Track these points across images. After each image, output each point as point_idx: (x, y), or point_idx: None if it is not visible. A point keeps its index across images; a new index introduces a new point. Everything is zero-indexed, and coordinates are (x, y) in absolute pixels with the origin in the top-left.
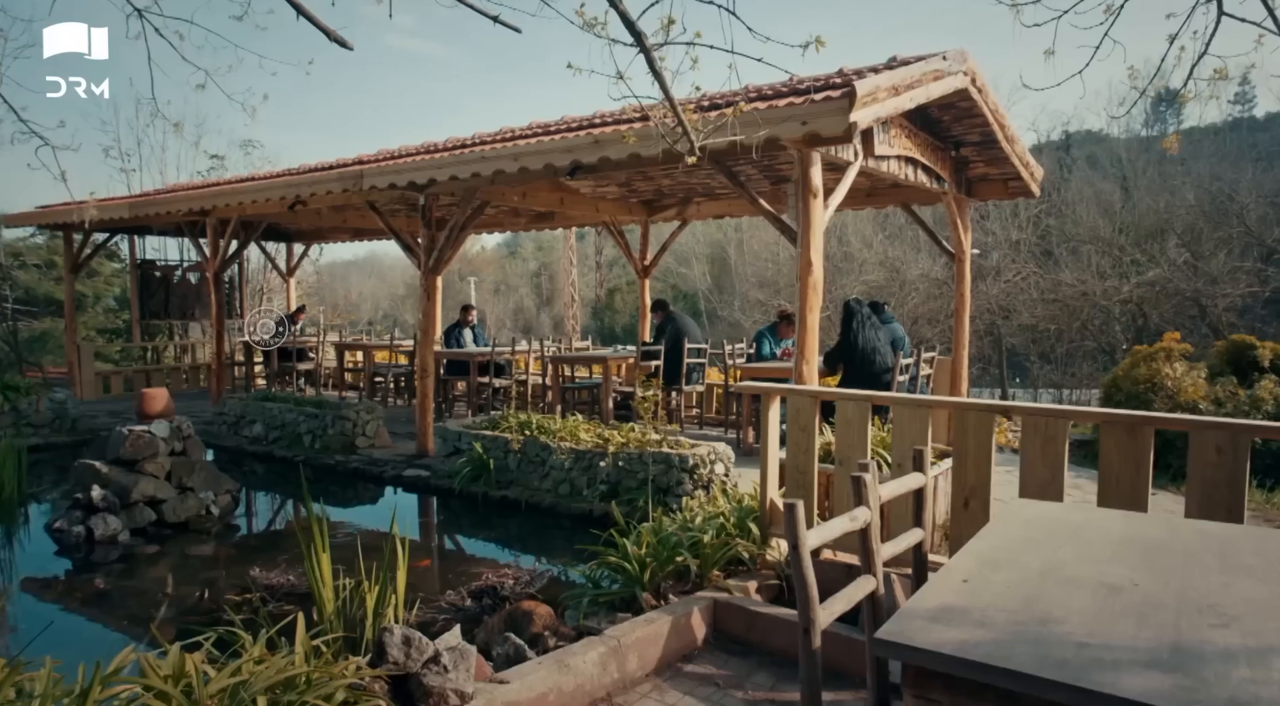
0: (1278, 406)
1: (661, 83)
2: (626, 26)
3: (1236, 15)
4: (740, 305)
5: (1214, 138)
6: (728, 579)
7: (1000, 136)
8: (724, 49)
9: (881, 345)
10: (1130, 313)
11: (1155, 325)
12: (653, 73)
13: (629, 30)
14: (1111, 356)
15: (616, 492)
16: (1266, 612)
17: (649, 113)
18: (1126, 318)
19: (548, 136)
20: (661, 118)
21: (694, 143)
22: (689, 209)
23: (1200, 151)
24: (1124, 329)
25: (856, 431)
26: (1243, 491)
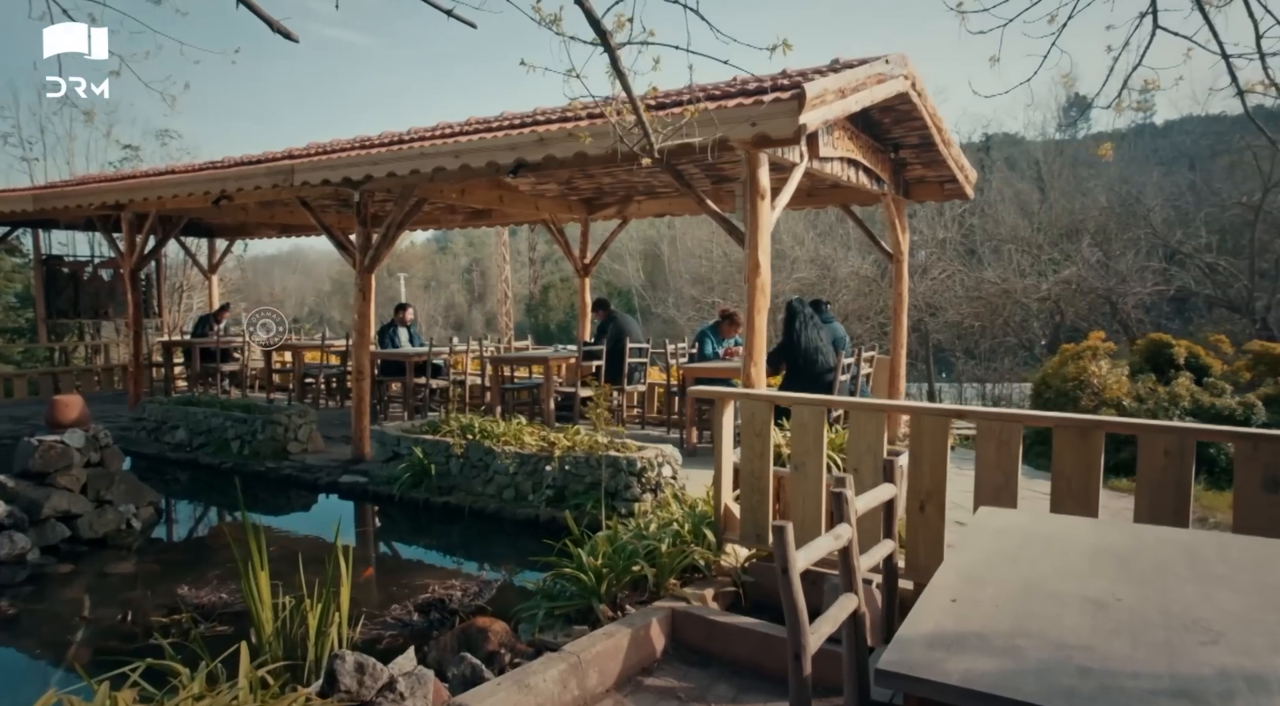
0: (1194, 402)
1: (625, 83)
2: (592, 25)
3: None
4: (675, 302)
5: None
6: (684, 587)
7: (938, 139)
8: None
9: (824, 345)
10: (1048, 309)
11: (1071, 322)
12: (616, 73)
13: (594, 29)
14: (1031, 351)
15: (563, 497)
16: (1248, 626)
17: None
18: (1045, 314)
19: (489, 133)
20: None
21: (654, 144)
22: (630, 207)
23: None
24: (1042, 325)
25: (812, 436)
26: (1189, 492)
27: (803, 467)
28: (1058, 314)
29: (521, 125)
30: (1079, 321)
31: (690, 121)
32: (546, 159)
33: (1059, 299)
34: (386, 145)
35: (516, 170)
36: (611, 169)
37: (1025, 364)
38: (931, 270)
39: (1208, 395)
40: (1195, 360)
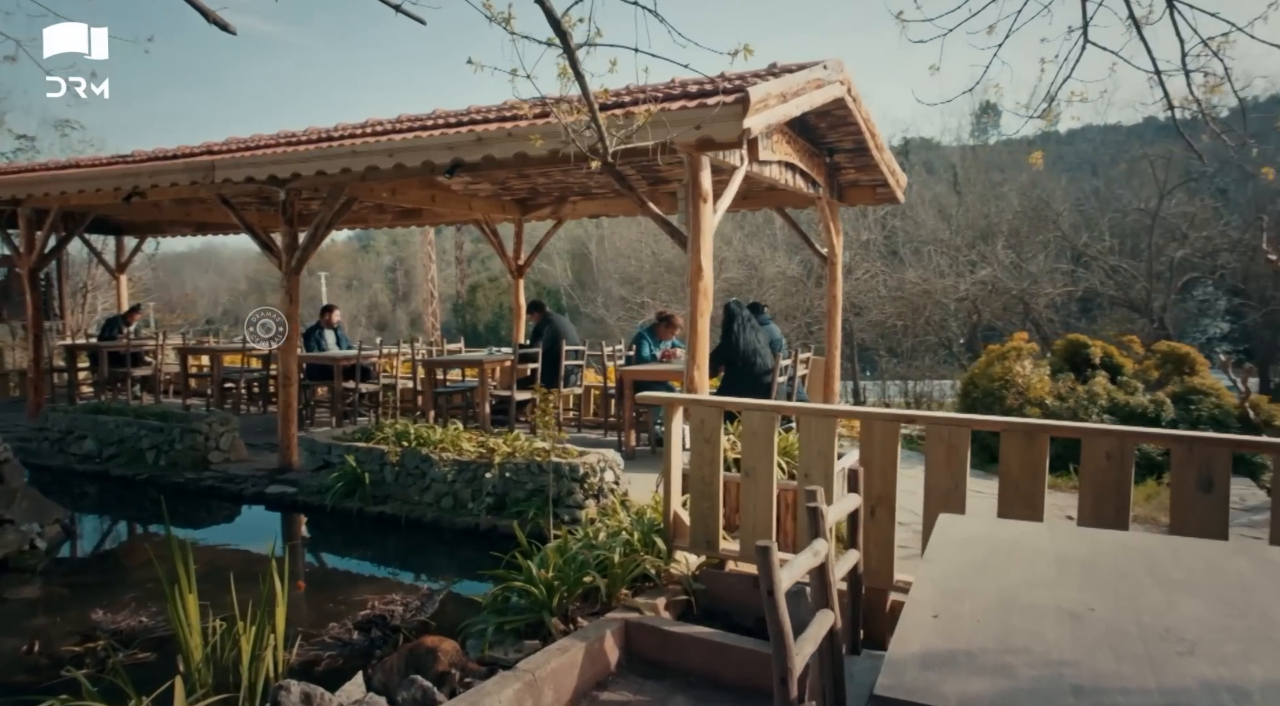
0: (1110, 400)
1: (583, 86)
2: (552, 25)
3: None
4: (604, 302)
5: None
6: (636, 597)
7: (871, 145)
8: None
9: (761, 347)
10: (966, 309)
11: (987, 321)
12: (575, 75)
13: (554, 29)
14: (949, 349)
15: (504, 505)
16: (1217, 633)
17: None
18: (963, 314)
19: (424, 132)
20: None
21: (608, 147)
22: (565, 208)
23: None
24: (960, 324)
25: (762, 442)
26: (1129, 492)
27: (753, 473)
28: (975, 313)
29: (458, 124)
30: (995, 320)
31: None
32: (485, 159)
33: (976, 299)
34: (314, 142)
35: (453, 170)
36: (547, 169)
37: (945, 362)
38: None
39: (1122, 393)
40: (1109, 359)
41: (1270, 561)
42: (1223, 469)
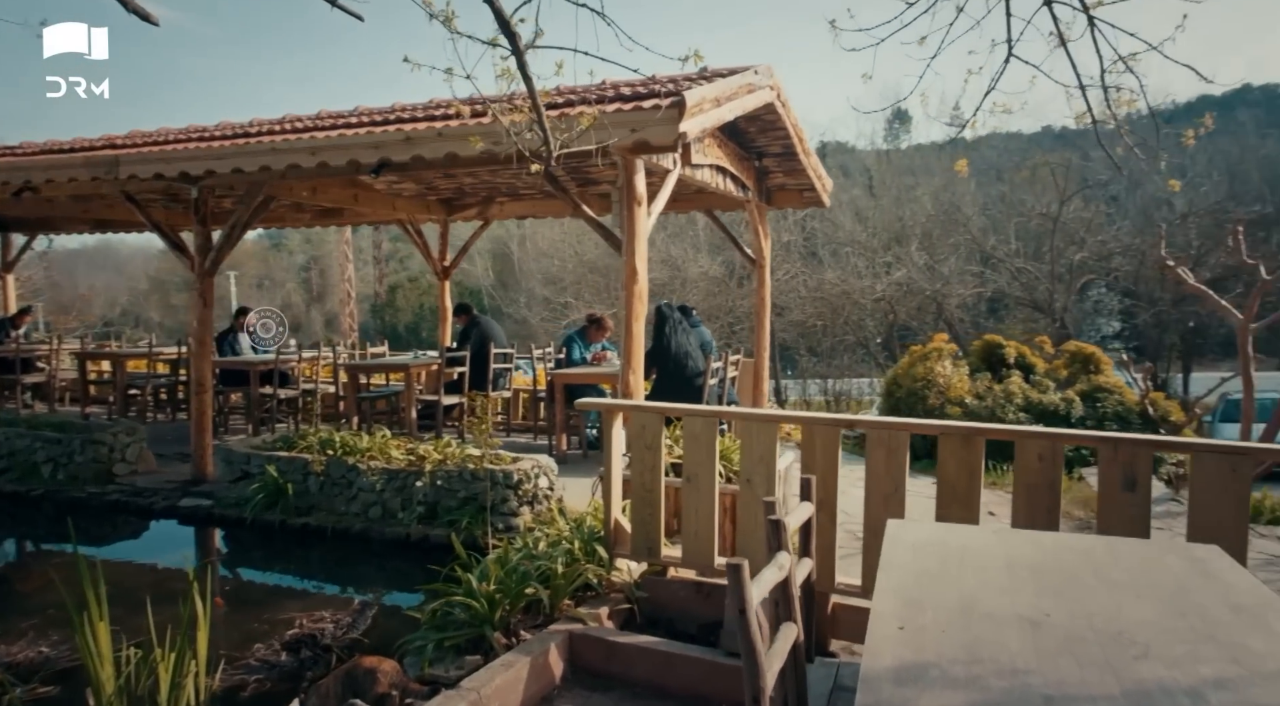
0: (1025, 399)
1: (530, 88)
2: (500, 26)
3: (1022, 58)
4: (526, 302)
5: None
6: (578, 607)
7: (799, 149)
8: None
9: (693, 349)
10: (882, 309)
11: (902, 321)
12: (524, 77)
13: (503, 30)
14: (867, 348)
15: (436, 514)
16: (1164, 635)
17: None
18: (879, 314)
19: (349, 130)
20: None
21: (552, 151)
22: (492, 209)
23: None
24: (876, 324)
25: (704, 447)
26: (1059, 493)
27: (695, 479)
28: (891, 313)
29: (384, 122)
30: (910, 320)
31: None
32: (414, 160)
33: (892, 299)
34: (229, 138)
35: (380, 170)
36: (475, 170)
37: (862, 360)
38: (776, 272)
39: (1036, 392)
40: (1023, 359)
41: (1197, 559)
42: (1145, 468)
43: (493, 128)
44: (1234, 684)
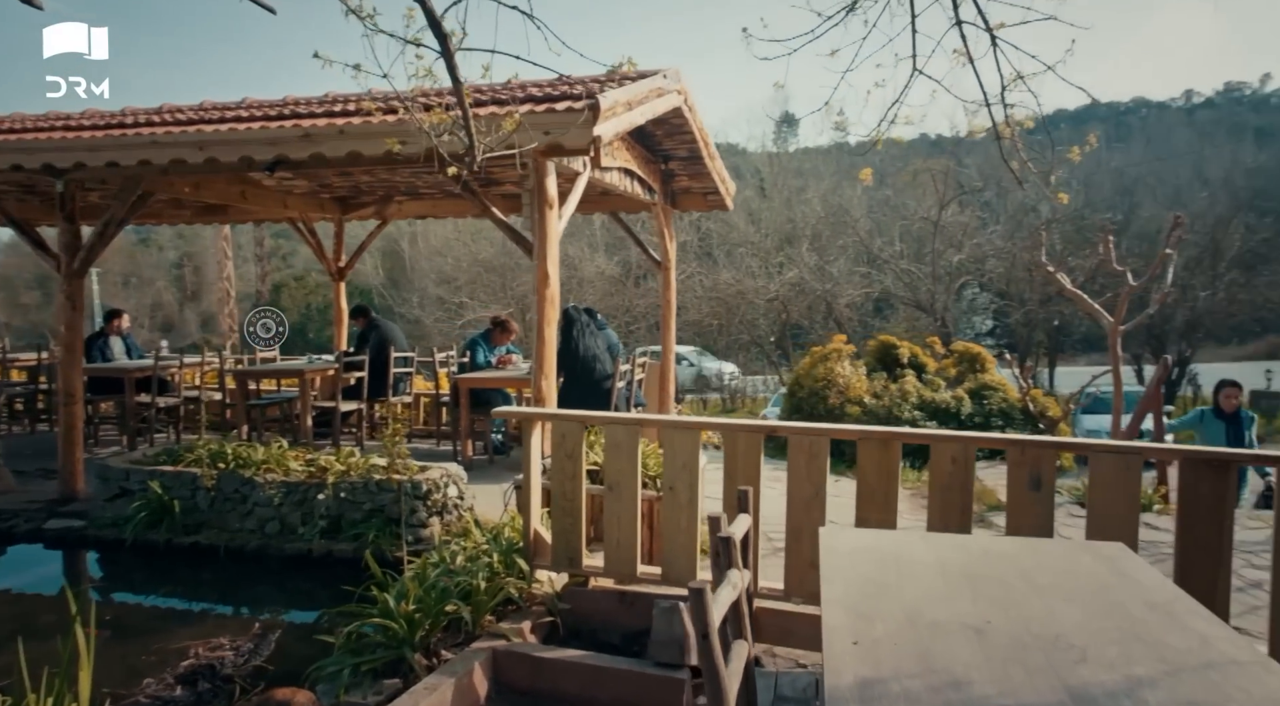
0: (919, 397)
1: (459, 92)
2: (431, 26)
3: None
4: (420, 302)
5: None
6: (500, 622)
7: (705, 153)
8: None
9: (601, 352)
10: (776, 309)
11: (795, 320)
12: (453, 80)
13: (434, 31)
14: (761, 347)
15: (339, 527)
16: (1096, 637)
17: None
18: (773, 313)
19: (240, 123)
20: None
21: (478, 155)
22: (390, 208)
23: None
24: (769, 323)
25: (626, 455)
26: (971, 494)
27: (618, 488)
28: (784, 313)
29: (279, 117)
30: (801, 319)
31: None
32: (313, 157)
33: (785, 299)
34: (100, 128)
35: (274, 167)
36: (373, 168)
37: (756, 358)
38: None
39: (928, 390)
40: (915, 359)
41: (1109, 558)
42: (1050, 468)
43: (401, 127)
44: (1166, 683)
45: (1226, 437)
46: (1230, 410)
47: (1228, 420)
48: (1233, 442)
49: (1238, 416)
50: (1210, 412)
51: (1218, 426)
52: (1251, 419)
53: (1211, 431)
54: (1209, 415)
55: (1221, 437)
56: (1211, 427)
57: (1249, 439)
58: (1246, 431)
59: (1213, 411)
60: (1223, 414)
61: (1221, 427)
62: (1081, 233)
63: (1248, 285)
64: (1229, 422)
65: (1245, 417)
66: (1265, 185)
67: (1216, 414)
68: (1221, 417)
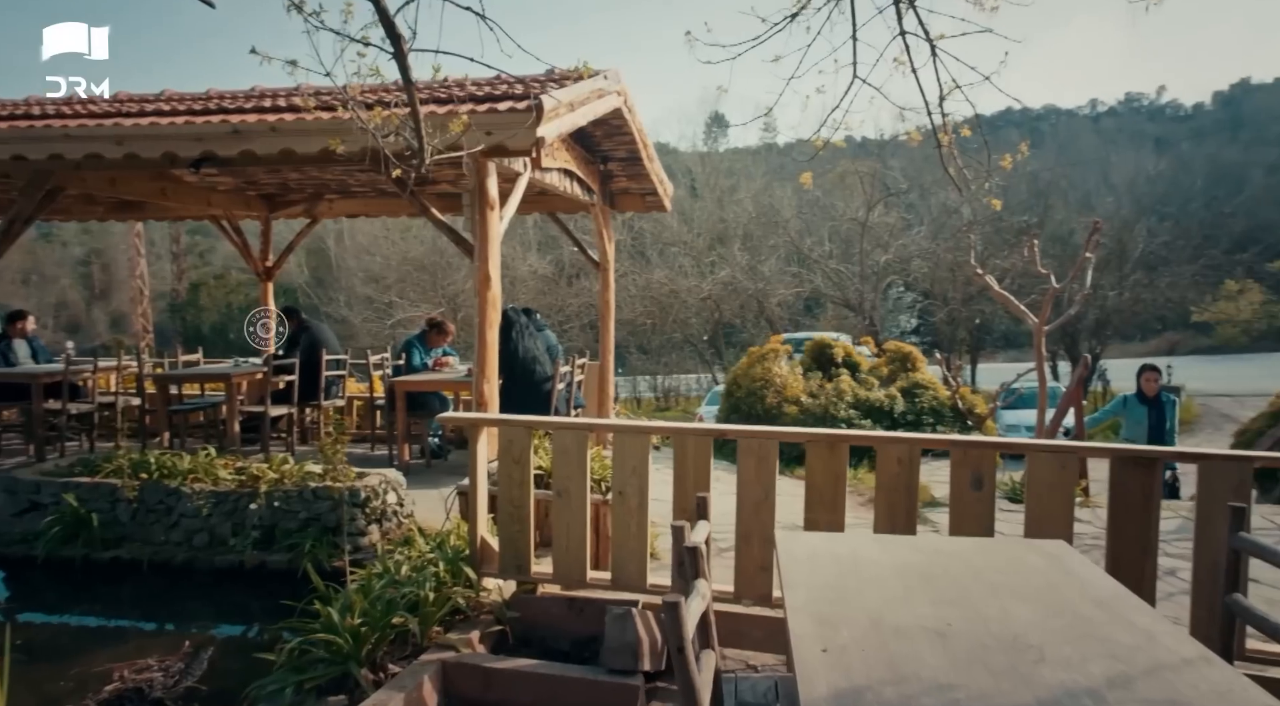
0: (854, 396)
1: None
2: (385, 27)
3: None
4: (347, 302)
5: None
6: (448, 632)
7: (644, 154)
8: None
9: (540, 353)
10: (709, 308)
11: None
12: (405, 81)
13: (388, 33)
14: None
15: (273, 538)
16: (1051, 636)
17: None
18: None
19: (162, 117)
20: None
21: (426, 158)
22: (320, 206)
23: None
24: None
25: (575, 461)
26: (916, 495)
27: (566, 493)
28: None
29: (205, 112)
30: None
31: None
32: (243, 155)
33: (718, 299)
34: (5, 119)
35: (200, 165)
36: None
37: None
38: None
39: (863, 389)
40: (849, 358)
41: (1053, 556)
42: (990, 468)
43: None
44: (1123, 680)
45: (1149, 420)
46: (1152, 394)
47: (1150, 404)
48: (1156, 425)
49: (1159, 400)
50: (1134, 397)
51: (1141, 410)
52: (1173, 402)
53: (1135, 415)
54: (1132, 400)
55: (1145, 420)
56: (1135, 412)
57: (1171, 421)
58: (1169, 414)
59: (1136, 396)
60: (1145, 398)
61: (1145, 411)
62: (1000, 234)
63: (1150, 285)
64: (1151, 406)
65: (1167, 401)
66: (1165, 191)
67: (1140, 398)
68: (1144, 402)
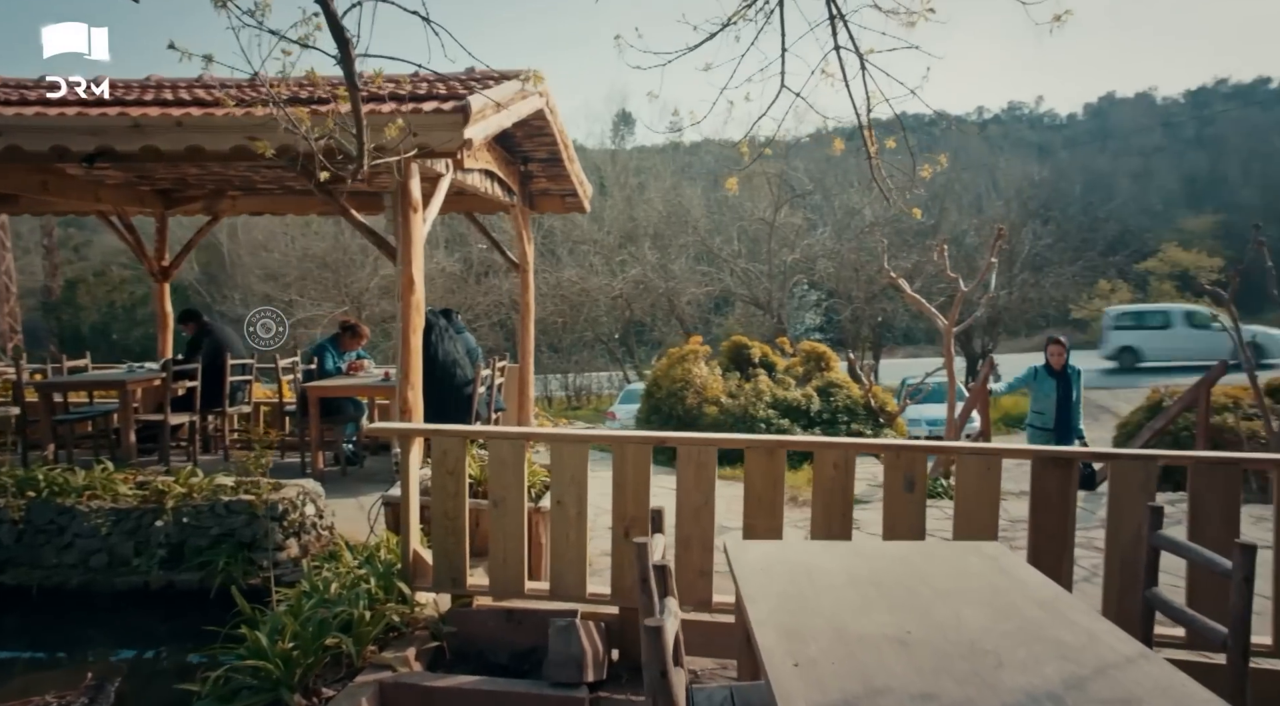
0: (773, 396)
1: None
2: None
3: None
4: (243, 299)
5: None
6: (383, 651)
7: (564, 156)
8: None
9: (460, 357)
10: (619, 307)
11: (638, 317)
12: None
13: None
14: (605, 344)
15: (182, 556)
16: (1004, 639)
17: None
18: (616, 311)
19: (50, 108)
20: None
21: (365, 163)
22: (221, 203)
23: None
24: (613, 321)
25: (511, 471)
26: (851, 498)
27: (503, 503)
28: (627, 310)
29: (98, 103)
30: (644, 316)
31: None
32: (145, 151)
33: (629, 297)
34: None
35: (94, 160)
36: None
37: (600, 356)
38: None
39: (780, 389)
40: (765, 358)
41: (993, 557)
42: (921, 471)
43: (250, 121)
44: (1077, 681)
45: (1056, 392)
46: (1057, 366)
47: (1057, 376)
48: (1062, 397)
49: (1066, 372)
50: (1043, 369)
51: (1049, 383)
52: (1079, 373)
53: (1044, 387)
54: (1041, 372)
55: (1053, 393)
56: (1044, 384)
57: (1076, 392)
58: (1075, 386)
59: (1044, 368)
60: (1053, 370)
61: (1053, 384)
62: (901, 235)
63: (1037, 285)
64: (1059, 379)
65: (1073, 373)
66: (1048, 197)
67: (1048, 371)
68: (1052, 374)
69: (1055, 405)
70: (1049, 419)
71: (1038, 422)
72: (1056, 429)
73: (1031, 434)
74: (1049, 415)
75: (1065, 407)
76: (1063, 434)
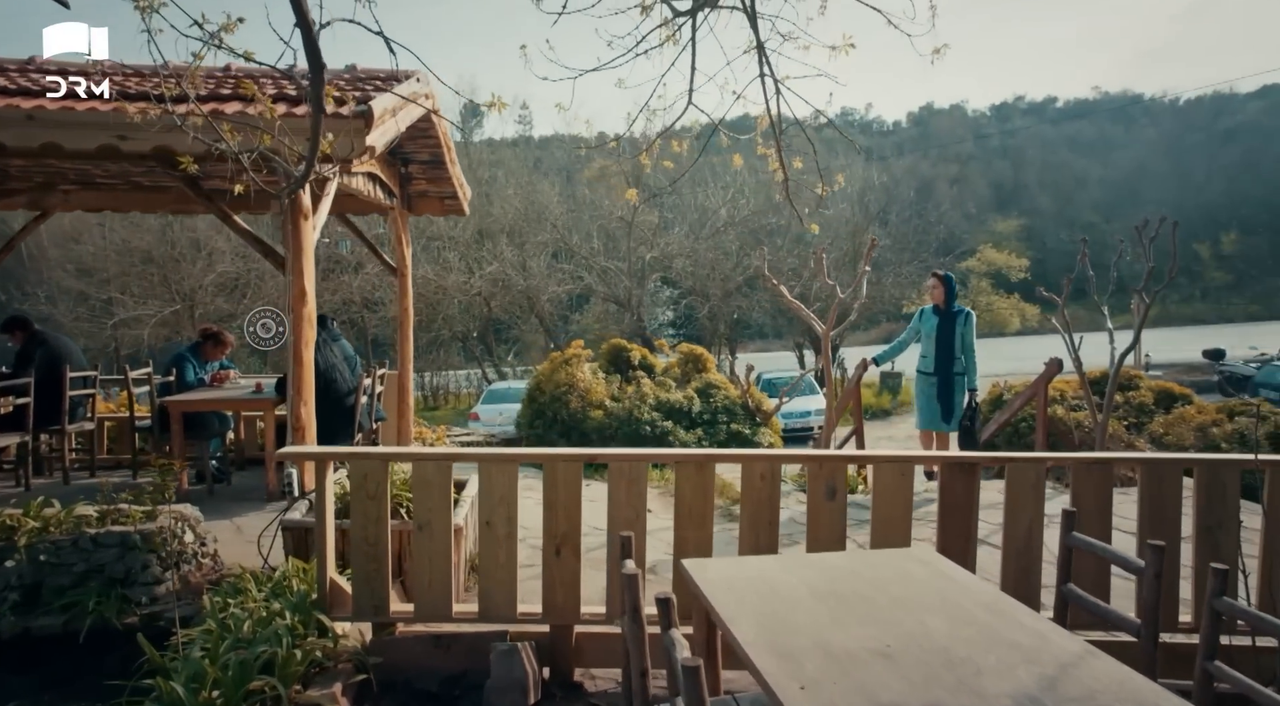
0: (656, 398)
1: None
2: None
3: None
4: (49, 297)
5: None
6: (307, 690)
7: (446, 157)
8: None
9: (339, 364)
10: (478, 304)
11: (497, 314)
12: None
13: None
14: (464, 343)
15: (39, 598)
16: (972, 646)
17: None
18: (475, 309)
19: None
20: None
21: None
22: (52, 198)
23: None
24: (472, 319)
25: (437, 493)
26: (778, 506)
27: (428, 526)
28: (486, 308)
29: None
30: (502, 314)
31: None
32: None
33: (487, 295)
34: None
35: None
36: None
37: (458, 354)
38: (367, 266)
39: (662, 391)
40: (644, 360)
41: (928, 563)
42: (842, 479)
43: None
44: (1049, 682)
45: (939, 329)
46: (936, 301)
47: (941, 315)
48: (944, 337)
49: (950, 311)
50: (929, 309)
51: (932, 321)
52: (967, 314)
53: (928, 326)
54: (927, 312)
55: (934, 332)
56: (928, 322)
57: (962, 336)
58: (959, 328)
59: (932, 308)
60: (937, 309)
61: (935, 323)
62: (754, 235)
63: (878, 283)
64: (942, 318)
65: (959, 312)
66: (885, 202)
67: (934, 310)
68: (936, 313)
69: (935, 345)
70: (930, 362)
71: (921, 366)
72: (937, 372)
73: (916, 380)
74: (931, 357)
75: (946, 348)
76: (944, 380)
